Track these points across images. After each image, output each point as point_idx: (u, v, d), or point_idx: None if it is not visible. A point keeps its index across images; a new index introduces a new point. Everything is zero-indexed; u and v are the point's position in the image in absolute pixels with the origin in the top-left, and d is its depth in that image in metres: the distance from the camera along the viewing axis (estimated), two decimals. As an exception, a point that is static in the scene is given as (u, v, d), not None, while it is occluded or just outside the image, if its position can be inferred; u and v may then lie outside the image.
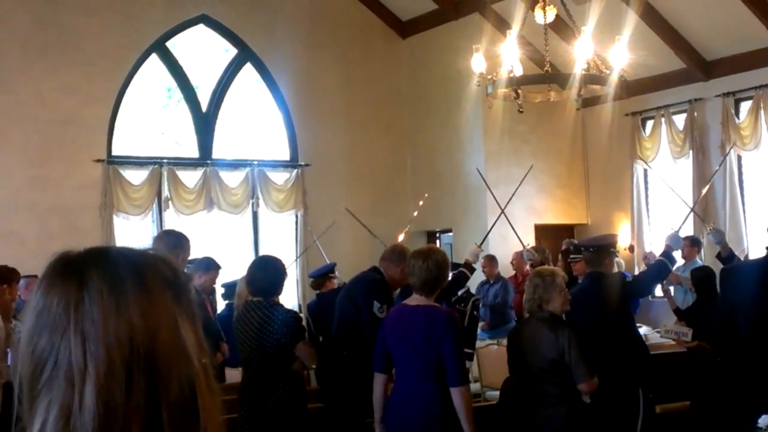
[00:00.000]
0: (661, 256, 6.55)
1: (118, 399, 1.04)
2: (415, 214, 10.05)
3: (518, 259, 10.89)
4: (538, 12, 7.94)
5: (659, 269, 6.50)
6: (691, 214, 9.32)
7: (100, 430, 1.03)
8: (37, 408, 1.06)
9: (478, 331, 8.90)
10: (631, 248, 12.56)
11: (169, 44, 12.80)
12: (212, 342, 6.65)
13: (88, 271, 1.10)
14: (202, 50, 13.26)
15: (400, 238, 8.95)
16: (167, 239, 5.35)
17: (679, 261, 9.27)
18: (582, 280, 6.92)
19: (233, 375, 6.74)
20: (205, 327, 1.20)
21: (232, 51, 13.29)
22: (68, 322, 1.07)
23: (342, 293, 6.40)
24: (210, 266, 7.45)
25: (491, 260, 10.98)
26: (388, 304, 5.91)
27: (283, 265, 5.55)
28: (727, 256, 7.94)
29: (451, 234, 13.72)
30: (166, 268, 1.15)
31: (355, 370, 5.70)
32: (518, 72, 7.71)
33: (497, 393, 6.55)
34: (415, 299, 4.95)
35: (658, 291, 9.40)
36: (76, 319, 1.07)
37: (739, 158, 11.62)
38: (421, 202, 9.88)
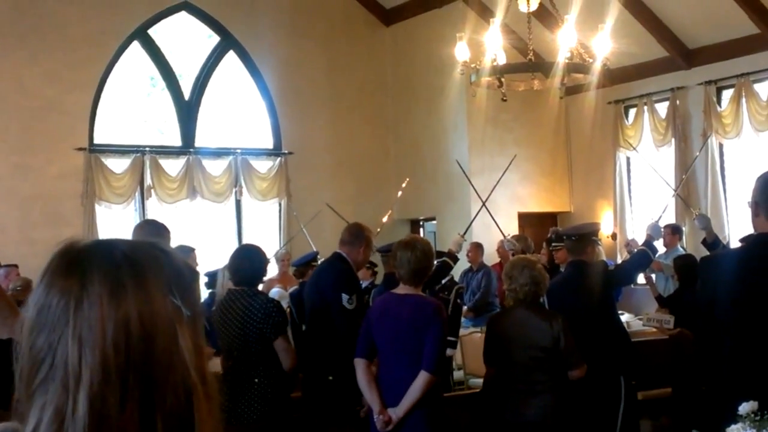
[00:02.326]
0: (642, 245, 6.60)
1: (112, 407, 1.03)
2: (399, 194, 10.00)
3: (503, 247, 10.91)
4: (521, 0, 7.93)
5: (641, 258, 6.55)
6: (674, 202, 9.38)
7: None
8: (33, 406, 1.05)
9: (462, 319, 8.92)
10: (614, 236, 12.62)
11: (151, 32, 12.72)
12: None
13: (91, 271, 1.07)
14: (185, 38, 13.19)
15: (383, 221, 8.96)
16: (147, 229, 5.30)
17: (661, 249, 9.33)
18: (564, 268, 6.94)
19: (213, 363, 6.71)
20: None
21: (215, 37, 13.22)
22: (67, 324, 1.05)
23: (309, 286, 6.30)
24: (188, 252, 7.31)
25: (477, 247, 11.00)
26: (357, 293, 5.91)
27: (264, 254, 5.54)
28: (712, 242, 7.99)
29: (434, 222, 13.73)
30: (170, 269, 1.12)
31: (332, 361, 5.67)
32: (502, 60, 7.70)
33: (480, 380, 6.56)
34: (403, 288, 4.96)
35: (641, 278, 9.46)
36: (74, 321, 1.05)
37: (721, 146, 11.68)
38: (403, 185, 9.84)
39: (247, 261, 5.40)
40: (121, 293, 1.06)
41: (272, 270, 9.54)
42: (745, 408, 2.77)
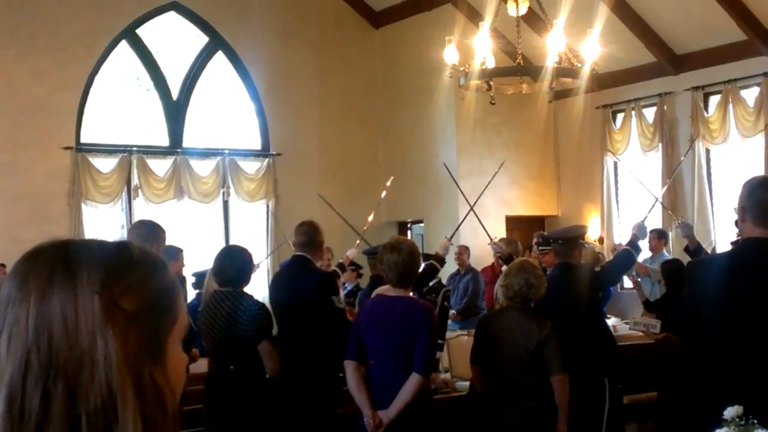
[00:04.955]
0: (627, 245, 6.62)
1: (34, 403, 1.04)
2: (384, 194, 9.96)
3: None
4: (510, 4, 7.94)
5: (626, 258, 6.56)
6: (659, 207, 9.41)
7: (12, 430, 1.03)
8: None
9: (449, 321, 8.92)
10: (601, 240, 12.65)
11: (139, 31, 12.68)
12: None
13: (32, 269, 1.09)
14: (173, 38, 13.15)
15: (369, 219, 8.95)
16: (141, 230, 5.26)
17: (646, 253, 9.34)
18: (550, 270, 6.96)
19: (199, 365, 6.67)
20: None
21: (204, 37, 13.19)
22: (4, 318, 1.07)
23: (280, 290, 6.13)
24: (177, 253, 7.24)
25: (465, 249, 11.00)
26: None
27: (250, 255, 5.49)
28: (694, 249, 8.01)
29: (422, 225, 13.74)
30: (116, 266, 1.11)
31: (318, 362, 5.64)
32: (490, 64, 7.72)
33: (467, 384, 6.57)
34: (392, 291, 4.95)
35: (628, 282, 9.48)
36: (8, 315, 1.07)
37: (708, 152, 11.74)
38: (388, 183, 9.80)
39: (229, 261, 5.35)
40: (48, 291, 1.07)
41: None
42: (730, 412, 2.79)
